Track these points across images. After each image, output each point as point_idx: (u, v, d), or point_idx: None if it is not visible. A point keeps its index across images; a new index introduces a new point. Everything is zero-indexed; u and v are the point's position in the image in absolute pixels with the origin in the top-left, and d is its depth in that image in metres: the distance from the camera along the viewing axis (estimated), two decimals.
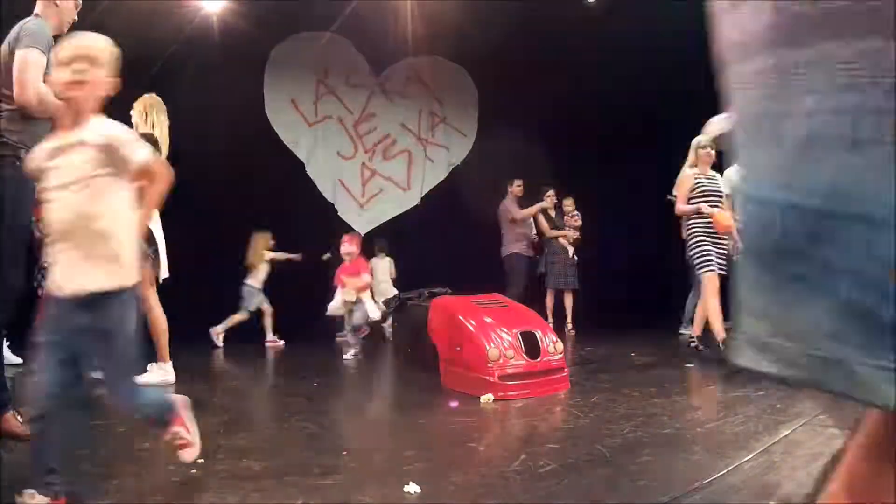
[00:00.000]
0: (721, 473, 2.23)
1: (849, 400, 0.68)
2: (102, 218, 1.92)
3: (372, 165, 7.73)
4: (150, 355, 4.09)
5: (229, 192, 6.04)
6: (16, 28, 2.77)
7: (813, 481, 2.17)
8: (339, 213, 7.45)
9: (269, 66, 7.20)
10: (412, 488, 2.07)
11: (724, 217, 4.61)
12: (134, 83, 4.33)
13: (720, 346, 4.56)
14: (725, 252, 4.84)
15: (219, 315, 5.97)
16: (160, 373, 4.00)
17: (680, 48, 7.02)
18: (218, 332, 5.86)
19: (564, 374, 3.92)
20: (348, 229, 7.44)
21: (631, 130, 8.11)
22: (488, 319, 3.97)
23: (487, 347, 3.72)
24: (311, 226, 6.88)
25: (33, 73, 2.61)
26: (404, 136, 7.91)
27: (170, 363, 4.05)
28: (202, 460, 2.41)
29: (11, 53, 2.67)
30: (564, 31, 7.03)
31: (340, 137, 7.61)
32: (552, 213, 7.00)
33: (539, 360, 3.80)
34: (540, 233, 6.95)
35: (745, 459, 2.39)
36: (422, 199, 7.98)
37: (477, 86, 8.25)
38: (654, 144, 8.12)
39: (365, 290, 5.47)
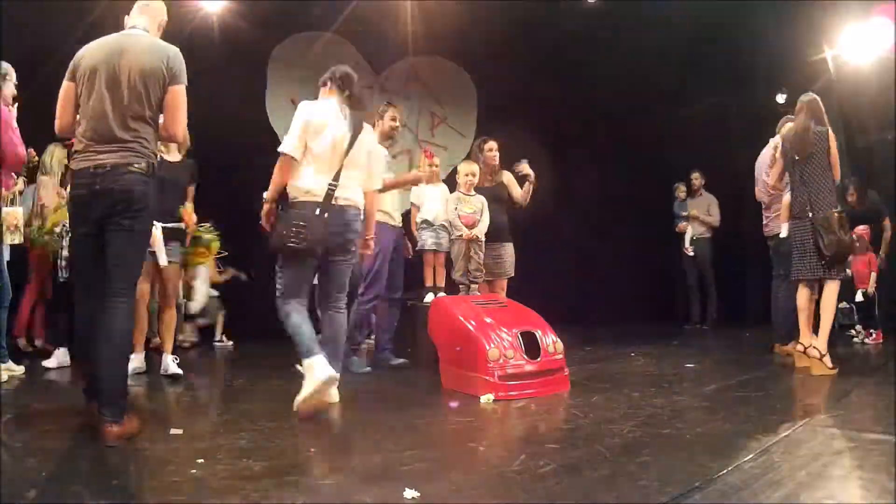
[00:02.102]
0: (721, 473, 2.23)
1: None
2: None
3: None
4: None
5: (229, 192, 6.02)
6: (161, 48, 3.00)
7: (813, 481, 2.17)
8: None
9: (270, 66, 7.19)
10: (411, 493, 2.07)
11: None
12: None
13: None
14: None
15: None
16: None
17: (680, 48, 7.06)
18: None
19: (564, 374, 3.92)
20: None
21: (631, 130, 8.11)
22: (488, 319, 3.96)
23: (487, 347, 3.71)
24: None
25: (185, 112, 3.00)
26: (404, 136, 7.90)
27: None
28: (202, 460, 2.41)
29: (166, 82, 2.96)
30: (564, 31, 7.02)
31: None
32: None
33: (539, 360, 3.80)
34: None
35: (745, 459, 2.39)
36: None
37: (477, 86, 8.24)
38: (654, 144, 8.13)
39: None
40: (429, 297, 4.56)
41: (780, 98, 7.27)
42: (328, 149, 3.30)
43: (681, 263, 7.78)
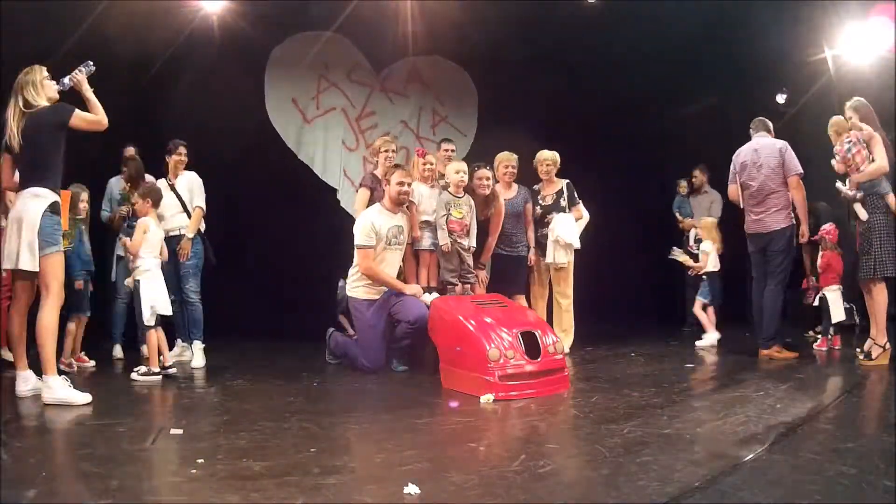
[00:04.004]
0: (721, 473, 2.23)
1: None
2: None
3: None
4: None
5: (228, 192, 6.02)
6: None
7: (812, 481, 2.17)
8: (341, 204, 7.41)
9: (270, 66, 7.18)
10: (412, 489, 2.07)
11: None
12: (134, 83, 4.36)
13: None
14: None
15: (222, 312, 5.97)
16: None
17: (680, 48, 7.05)
18: None
19: (564, 374, 3.92)
20: (350, 224, 7.44)
21: (631, 130, 8.10)
22: (488, 319, 3.97)
23: (487, 347, 3.72)
24: (311, 225, 6.88)
25: None
26: (404, 134, 7.89)
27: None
28: (202, 460, 2.41)
29: None
30: (564, 31, 7.02)
31: (344, 128, 7.59)
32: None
33: (539, 360, 3.80)
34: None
35: (745, 459, 2.39)
36: None
37: (477, 86, 8.24)
38: (654, 144, 8.12)
39: None
40: (428, 297, 4.55)
41: (780, 98, 7.26)
42: None
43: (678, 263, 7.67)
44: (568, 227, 5.36)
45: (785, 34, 6.51)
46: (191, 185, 5.14)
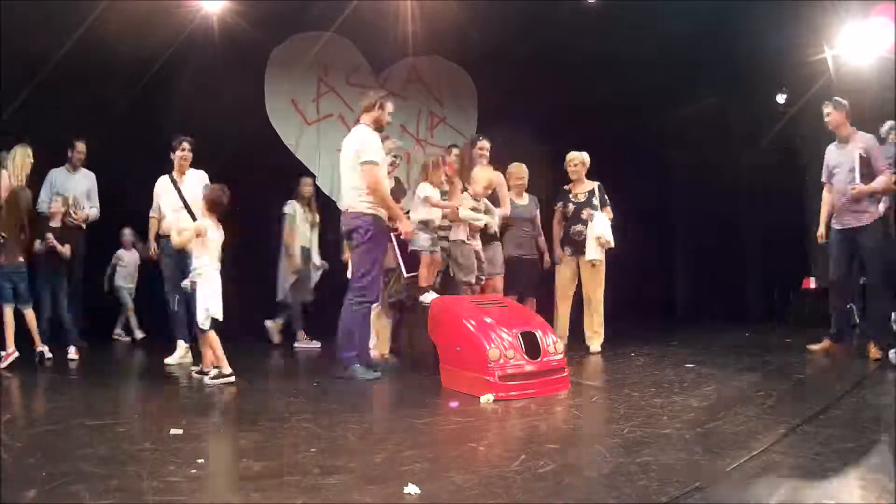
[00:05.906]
0: (721, 473, 2.23)
1: None
2: None
3: None
4: None
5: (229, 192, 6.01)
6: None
7: (813, 481, 2.17)
8: (339, 207, 7.41)
9: (270, 67, 7.18)
10: (412, 489, 2.07)
11: None
12: (134, 83, 4.35)
13: None
14: None
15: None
16: None
17: (680, 48, 7.05)
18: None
19: (564, 374, 3.92)
20: None
21: (631, 131, 8.10)
22: (488, 319, 3.96)
23: (487, 347, 3.71)
24: None
25: None
26: (403, 137, 7.89)
27: None
28: (202, 460, 2.41)
29: None
30: (564, 31, 7.02)
31: (341, 135, 7.59)
32: None
33: (539, 360, 3.80)
34: None
35: (745, 459, 2.39)
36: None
37: (477, 86, 8.24)
38: (655, 145, 8.13)
39: None
40: (428, 297, 4.55)
41: (780, 98, 7.26)
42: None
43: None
44: (607, 226, 5.57)
45: (785, 34, 6.51)
46: (199, 186, 5.10)
